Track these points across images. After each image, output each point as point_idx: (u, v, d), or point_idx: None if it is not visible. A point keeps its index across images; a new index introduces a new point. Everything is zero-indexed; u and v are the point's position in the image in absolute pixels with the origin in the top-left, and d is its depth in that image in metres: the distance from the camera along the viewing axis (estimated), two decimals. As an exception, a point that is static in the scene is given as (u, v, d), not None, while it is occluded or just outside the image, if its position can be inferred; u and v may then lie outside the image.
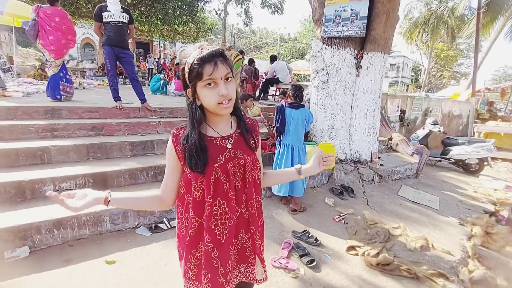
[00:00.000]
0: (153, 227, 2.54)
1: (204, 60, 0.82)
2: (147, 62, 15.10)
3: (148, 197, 1.00)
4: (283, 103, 3.33)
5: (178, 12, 13.58)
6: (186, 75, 0.86)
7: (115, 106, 3.94)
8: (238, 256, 1.05)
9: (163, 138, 3.59)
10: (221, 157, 0.93)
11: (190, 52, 0.86)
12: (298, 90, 3.23)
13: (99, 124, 3.52)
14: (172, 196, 1.00)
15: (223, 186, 0.93)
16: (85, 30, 19.71)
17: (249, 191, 0.99)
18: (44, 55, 4.22)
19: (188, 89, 0.89)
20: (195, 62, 0.82)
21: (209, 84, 0.83)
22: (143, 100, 4.10)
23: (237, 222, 1.00)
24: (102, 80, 10.52)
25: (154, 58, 16.14)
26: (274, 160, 3.34)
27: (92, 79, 10.80)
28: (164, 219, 2.62)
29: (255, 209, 1.01)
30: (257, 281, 1.10)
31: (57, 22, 4.02)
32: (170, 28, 14.71)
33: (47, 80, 8.12)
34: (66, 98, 4.33)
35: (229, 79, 0.87)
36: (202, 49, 0.84)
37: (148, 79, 13.86)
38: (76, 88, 7.41)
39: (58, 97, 4.19)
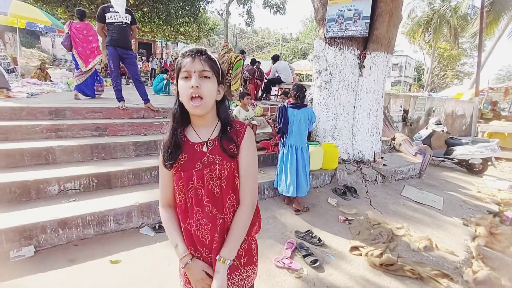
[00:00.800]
0: (157, 227, 2.55)
1: (184, 55, 0.89)
2: (150, 62, 15.10)
3: (175, 217, 1.00)
4: (285, 104, 3.32)
5: (180, 13, 13.62)
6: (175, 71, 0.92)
7: (119, 106, 3.96)
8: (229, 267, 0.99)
9: (166, 138, 3.60)
10: (199, 163, 0.93)
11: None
12: (300, 90, 3.23)
13: (103, 124, 3.54)
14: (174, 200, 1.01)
15: (197, 191, 0.93)
16: (88, 31, 19.78)
17: (224, 198, 0.95)
18: (76, 64, 5.04)
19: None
20: (179, 56, 0.90)
21: (186, 77, 0.88)
22: (146, 100, 4.12)
23: (221, 228, 0.94)
24: (105, 81, 10.56)
25: (158, 58, 16.14)
26: (279, 161, 3.34)
27: (95, 80, 10.83)
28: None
29: (231, 212, 0.96)
30: (250, 283, 1.05)
31: (85, 34, 4.86)
32: (172, 29, 14.75)
33: (49, 81, 8.20)
34: (98, 95, 5.40)
35: (207, 77, 0.88)
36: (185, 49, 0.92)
37: (151, 79, 13.89)
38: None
39: (91, 95, 5.13)
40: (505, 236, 2.88)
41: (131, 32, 4.03)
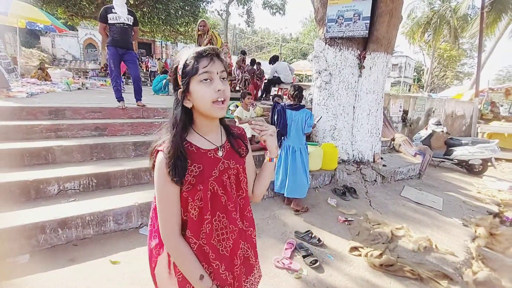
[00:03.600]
0: (156, 227, 2.55)
1: (200, 54, 0.80)
2: (148, 66, 14.97)
3: (188, 246, 0.89)
4: (283, 105, 3.29)
5: (180, 13, 13.64)
6: (179, 72, 0.83)
7: (118, 106, 3.97)
8: (245, 268, 1.01)
9: (166, 138, 3.59)
10: (216, 170, 0.89)
11: (184, 53, 0.85)
12: (297, 90, 3.20)
13: (102, 124, 3.54)
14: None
15: (220, 199, 0.90)
16: (87, 31, 19.82)
17: (246, 199, 0.98)
18: None
19: (179, 90, 0.84)
20: (191, 56, 0.81)
21: (205, 79, 0.81)
22: (138, 99, 4.21)
23: (245, 234, 1.00)
24: (105, 81, 10.57)
25: (159, 59, 16.08)
26: (276, 164, 3.32)
27: (94, 80, 10.85)
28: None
29: (251, 212, 1.03)
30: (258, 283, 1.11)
31: None
32: (172, 29, 14.77)
33: (49, 81, 8.20)
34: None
35: (225, 79, 0.85)
36: (197, 48, 0.83)
37: (149, 79, 13.89)
38: (79, 89, 7.50)
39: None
40: (505, 237, 2.88)
41: (133, 33, 4.07)
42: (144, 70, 16.02)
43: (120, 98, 4.02)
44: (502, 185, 4.90)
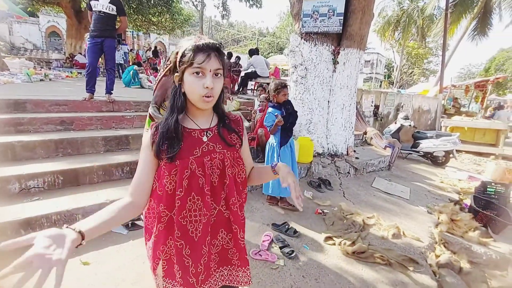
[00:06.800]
0: (129, 225, 2.46)
1: (199, 48, 0.82)
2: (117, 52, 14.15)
3: (121, 208, 0.85)
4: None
5: (152, 2, 13.09)
6: (177, 59, 0.86)
7: (84, 98, 3.77)
8: (219, 258, 1.00)
9: (139, 133, 3.46)
10: (198, 150, 0.90)
11: (187, 40, 0.87)
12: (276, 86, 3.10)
13: (69, 118, 3.33)
14: (146, 198, 0.92)
15: (198, 180, 0.89)
16: (50, 18, 18.43)
17: (230, 188, 0.94)
18: None
19: (176, 74, 0.88)
20: (190, 47, 0.82)
21: (197, 73, 0.83)
22: (108, 91, 4.04)
23: (216, 220, 0.95)
24: (71, 72, 9.93)
25: (131, 50, 15.23)
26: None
27: (59, 71, 10.15)
28: (141, 216, 2.53)
29: (237, 206, 0.96)
30: (242, 284, 1.05)
31: None
32: (144, 18, 14.17)
33: (7, 71, 7.56)
34: None
35: (219, 75, 0.86)
36: (200, 38, 0.85)
37: (119, 72, 13.23)
38: (41, 80, 6.99)
39: None
40: (464, 222, 3.11)
41: (120, 22, 3.98)
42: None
43: (89, 90, 3.83)
44: (462, 175, 5.29)
